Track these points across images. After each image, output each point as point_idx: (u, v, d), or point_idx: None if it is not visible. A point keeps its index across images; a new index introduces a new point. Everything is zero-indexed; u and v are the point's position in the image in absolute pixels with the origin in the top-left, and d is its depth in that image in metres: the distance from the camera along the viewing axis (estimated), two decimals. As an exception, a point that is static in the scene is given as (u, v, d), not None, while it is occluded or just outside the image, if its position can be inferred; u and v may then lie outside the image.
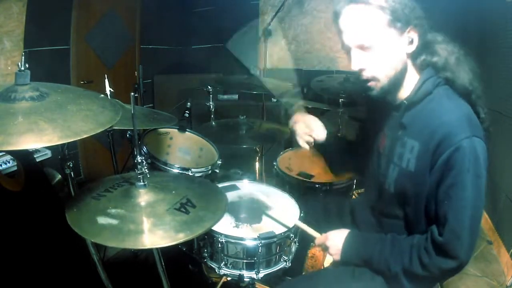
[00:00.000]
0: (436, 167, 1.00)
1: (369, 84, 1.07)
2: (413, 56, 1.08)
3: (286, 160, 2.24)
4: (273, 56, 3.92)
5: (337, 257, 1.25)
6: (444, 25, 1.10)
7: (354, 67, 1.06)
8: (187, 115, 2.24)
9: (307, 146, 1.44)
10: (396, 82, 1.08)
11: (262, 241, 1.41)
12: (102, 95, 1.12)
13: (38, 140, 0.84)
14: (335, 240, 1.27)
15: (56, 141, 0.84)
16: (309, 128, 1.44)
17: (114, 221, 0.99)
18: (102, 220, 1.00)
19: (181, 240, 0.97)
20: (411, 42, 1.04)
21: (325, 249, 1.31)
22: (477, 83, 1.06)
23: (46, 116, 0.89)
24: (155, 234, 0.97)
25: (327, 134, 1.45)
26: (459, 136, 0.96)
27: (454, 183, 0.98)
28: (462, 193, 0.98)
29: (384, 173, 1.16)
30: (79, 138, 0.87)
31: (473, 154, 0.96)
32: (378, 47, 1.02)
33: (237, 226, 1.53)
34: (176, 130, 2.12)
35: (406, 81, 1.10)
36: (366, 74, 1.06)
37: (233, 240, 1.43)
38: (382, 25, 1.00)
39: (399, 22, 1.00)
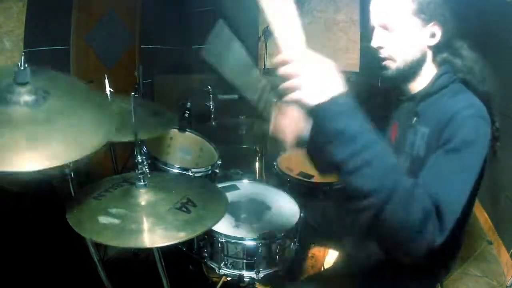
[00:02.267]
0: (440, 142, 0.97)
1: (385, 62, 1.11)
2: (436, 52, 1.10)
3: (286, 160, 2.24)
4: (273, 56, 3.92)
5: (309, 101, 0.77)
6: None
7: (374, 43, 1.10)
8: (187, 115, 2.24)
9: (293, 147, 1.16)
10: (411, 69, 1.10)
11: (262, 241, 1.41)
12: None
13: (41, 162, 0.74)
14: (316, 73, 0.77)
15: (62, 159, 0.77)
16: (294, 123, 1.16)
17: (115, 221, 0.99)
18: (103, 220, 1.00)
19: (184, 239, 0.97)
20: (433, 35, 1.07)
21: (290, 87, 0.79)
22: (496, 98, 1.07)
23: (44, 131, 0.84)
24: (157, 234, 0.98)
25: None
26: (465, 112, 0.96)
27: (452, 150, 0.93)
28: (457, 162, 0.92)
29: None
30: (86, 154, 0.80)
31: (476, 130, 0.94)
32: (400, 31, 1.06)
33: (237, 226, 1.53)
34: (176, 130, 2.12)
35: (424, 74, 1.12)
36: (383, 53, 1.10)
37: (233, 240, 1.43)
38: (407, 11, 1.05)
39: (423, 14, 1.04)
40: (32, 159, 0.73)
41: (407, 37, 1.07)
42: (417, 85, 1.14)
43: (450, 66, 1.09)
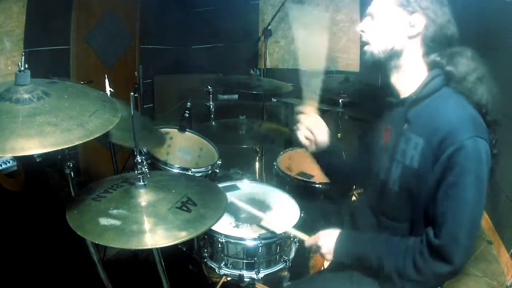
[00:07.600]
0: (437, 165, 1.00)
1: (365, 47, 1.16)
2: (426, 50, 1.09)
3: (286, 160, 2.24)
4: (273, 56, 3.92)
5: (330, 257, 1.24)
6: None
7: (358, 27, 1.18)
8: (187, 115, 2.24)
9: (306, 142, 1.36)
10: (387, 57, 1.12)
11: (262, 241, 1.41)
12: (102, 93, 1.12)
13: (43, 146, 0.83)
14: (327, 239, 1.25)
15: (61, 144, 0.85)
16: (313, 125, 1.38)
17: (116, 222, 0.99)
18: (104, 221, 0.99)
19: (185, 239, 0.97)
20: (413, 25, 1.06)
21: (316, 249, 1.29)
22: (494, 108, 1.07)
23: (49, 119, 0.89)
24: (158, 234, 0.97)
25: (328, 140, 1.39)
26: (462, 135, 0.96)
27: (454, 183, 0.97)
28: (462, 194, 0.97)
29: (387, 171, 1.15)
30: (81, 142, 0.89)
31: (475, 154, 0.95)
32: (382, 19, 1.11)
33: (237, 226, 1.53)
34: (176, 130, 2.12)
35: (414, 76, 1.11)
36: (364, 37, 1.16)
37: (233, 240, 1.43)
38: (392, 2, 1.08)
39: (408, 5, 1.06)
40: (40, 143, 0.82)
41: (386, 25, 1.10)
42: (407, 88, 1.13)
43: (441, 70, 1.08)
